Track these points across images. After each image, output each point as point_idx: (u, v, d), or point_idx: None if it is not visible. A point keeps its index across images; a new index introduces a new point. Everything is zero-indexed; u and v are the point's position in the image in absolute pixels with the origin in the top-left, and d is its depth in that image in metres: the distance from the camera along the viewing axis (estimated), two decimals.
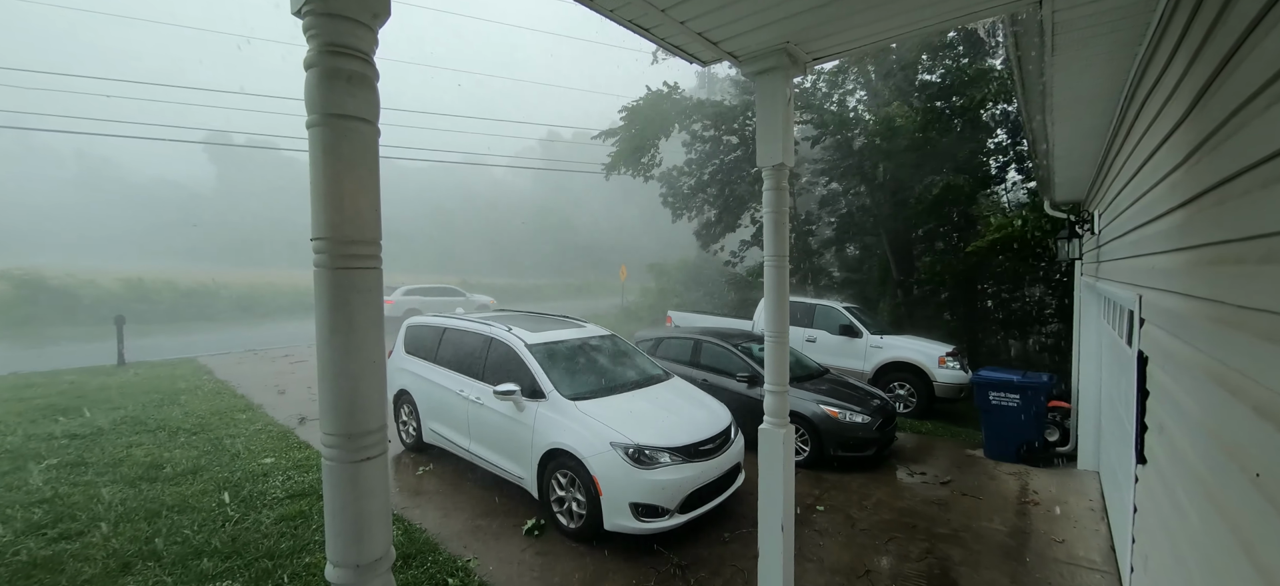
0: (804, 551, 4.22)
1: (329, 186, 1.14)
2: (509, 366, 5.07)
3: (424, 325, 6.40)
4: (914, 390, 8.48)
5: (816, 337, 9.56)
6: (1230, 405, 1.36)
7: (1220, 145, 1.44)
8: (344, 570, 1.16)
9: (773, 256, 2.83)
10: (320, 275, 1.15)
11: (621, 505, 4.06)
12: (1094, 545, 4.36)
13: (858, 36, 2.47)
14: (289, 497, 4.92)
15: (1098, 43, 2.44)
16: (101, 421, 7.13)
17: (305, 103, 1.15)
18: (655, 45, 2.61)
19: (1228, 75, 1.37)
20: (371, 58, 1.20)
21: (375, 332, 1.19)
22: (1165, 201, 2.13)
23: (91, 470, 5.48)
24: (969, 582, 3.87)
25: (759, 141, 2.77)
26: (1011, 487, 5.53)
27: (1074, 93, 3.12)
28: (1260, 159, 1.17)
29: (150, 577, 3.69)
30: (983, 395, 6.32)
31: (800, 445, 6.06)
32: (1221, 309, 1.45)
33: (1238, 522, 1.29)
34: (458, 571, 3.83)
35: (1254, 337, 1.21)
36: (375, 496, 1.19)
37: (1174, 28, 1.90)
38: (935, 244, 13.26)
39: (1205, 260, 1.61)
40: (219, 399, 8.61)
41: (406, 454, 6.21)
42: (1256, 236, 1.21)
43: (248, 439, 6.55)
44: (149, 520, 4.45)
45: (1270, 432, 1.11)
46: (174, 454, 5.98)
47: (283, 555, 3.98)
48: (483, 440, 5.16)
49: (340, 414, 1.15)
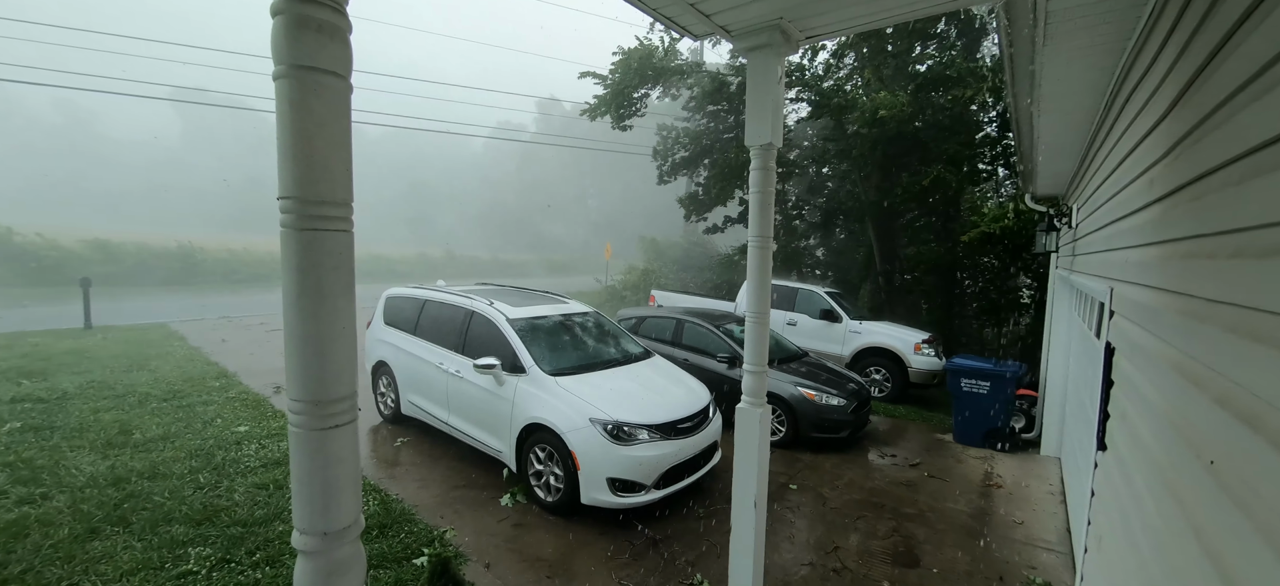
0: (776, 528, 4.32)
1: (297, 142, 1.08)
2: (490, 340, 5.03)
3: (405, 296, 6.30)
4: (889, 375, 8.66)
5: (797, 321, 9.67)
6: (1192, 395, 1.40)
7: (1201, 140, 1.45)
8: (311, 537, 1.14)
9: (757, 237, 2.82)
10: (287, 236, 1.10)
11: (599, 480, 4.09)
12: (1051, 526, 4.54)
13: (852, 16, 2.43)
14: (263, 466, 4.86)
15: (1089, 33, 2.45)
16: (67, 385, 6.93)
17: (272, 52, 1.09)
18: (649, 17, 2.54)
19: (1215, 69, 1.37)
20: (343, 8, 1.14)
21: (345, 298, 1.15)
22: (1143, 196, 2.17)
23: (57, 434, 5.34)
24: (931, 559, 4.01)
25: (748, 120, 2.73)
26: (977, 471, 5.71)
27: (1062, 83, 3.13)
28: (1238, 154, 1.18)
29: (119, 542, 3.63)
30: (955, 381, 6.48)
31: (777, 425, 6.16)
32: (1191, 302, 1.48)
33: (1190, 506, 1.34)
34: (433, 541, 3.84)
35: (1220, 330, 1.24)
36: (344, 464, 1.17)
37: (1165, 20, 1.90)
38: (919, 232, 13.41)
39: (1178, 254, 1.64)
40: (191, 365, 8.42)
41: (384, 425, 6.17)
42: (1229, 231, 1.23)
43: (221, 406, 6.43)
44: (117, 485, 4.36)
45: (1228, 421, 1.14)
46: (144, 420, 5.84)
47: (255, 522, 3.94)
48: (462, 413, 5.14)
49: (308, 381, 1.12)
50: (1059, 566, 3.97)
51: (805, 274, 15.08)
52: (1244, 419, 1.07)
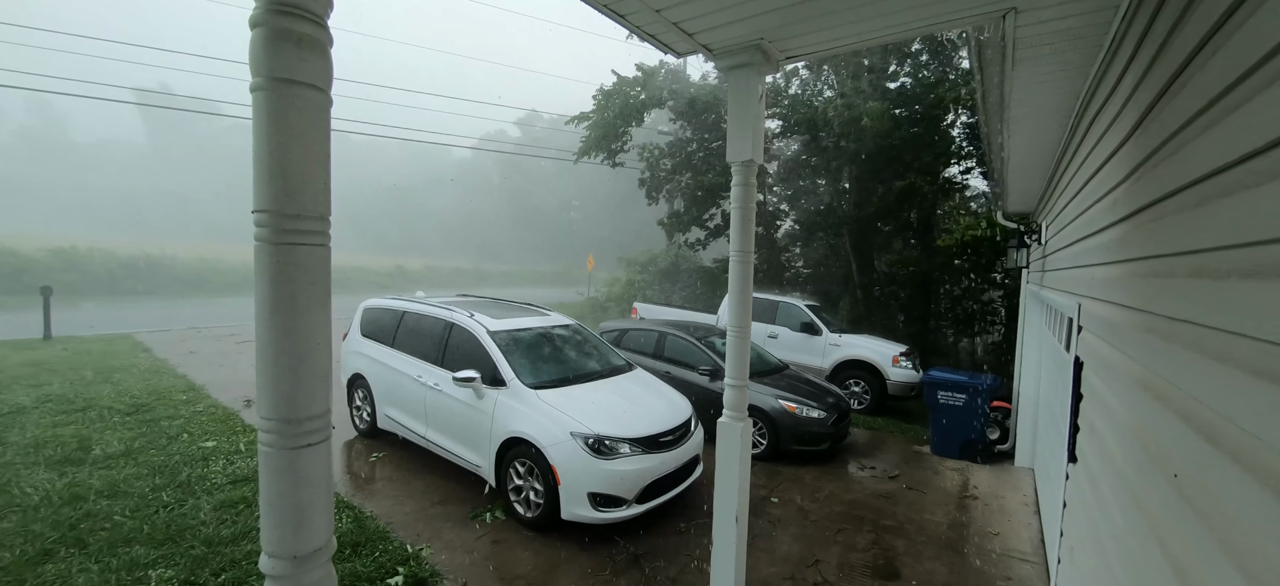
0: (757, 541, 4.32)
1: (273, 156, 1.06)
2: (469, 353, 4.96)
3: (382, 307, 6.19)
4: (868, 387, 8.77)
5: (778, 334, 9.76)
6: (1156, 410, 1.45)
7: (1160, 164, 1.52)
8: (280, 561, 1.11)
9: (738, 251, 2.85)
10: (262, 250, 1.08)
11: (580, 494, 4.05)
12: (1026, 537, 4.62)
13: (830, 38, 2.49)
14: (231, 483, 4.69)
15: (1054, 58, 2.55)
16: (23, 399, 6.62)
17: (249, 64, 1.07)
18: (631, 33, 2.57)
19: (1170, 99, 1.44)
20: (324, 21, 1.13)
21: (320, 313, 1.13)
22: (1107, 215, 2.25)
23: (10, 450, 5.08)
24: (910, 572, 4.05)
25: (730, 136, 2.77)
26: (954, 483, 5.80)
27: (1031, 106, 3.25)
28: (1194, 179, 1.24)
29: (74, 564, 3.45)
30: (932, 394, 6.59)
31: (758, 438, 6.18)
32: (1153, 319, 1.53)
33: (1155, 518, 1.38)
34: (408, 560, 3.74)
35: (1181, 347, 1.29)
36: (315, 485, 1.13)
37: (1124, 51, 1.99)
38: (894, 245, 13.72)
39: (1141, 273, 1.71)
40: (157, 378, 8.12)
41: (360, 440, 6.02)
42: (1188, 252, 1.28)
43: (188, 421, 6.21)
44: (73, 504, 4.16)
45: (1190, 436, 1.18)
46: (105, 435, 5.60)
47: (221, 542, 3.79)
48: (440, 427, 5.05)
49: (279, 398, 1.09)
50: (1034, 577, 4.04)
51: (787, 286, 15.27)
52: (1204, 434, 1.11)
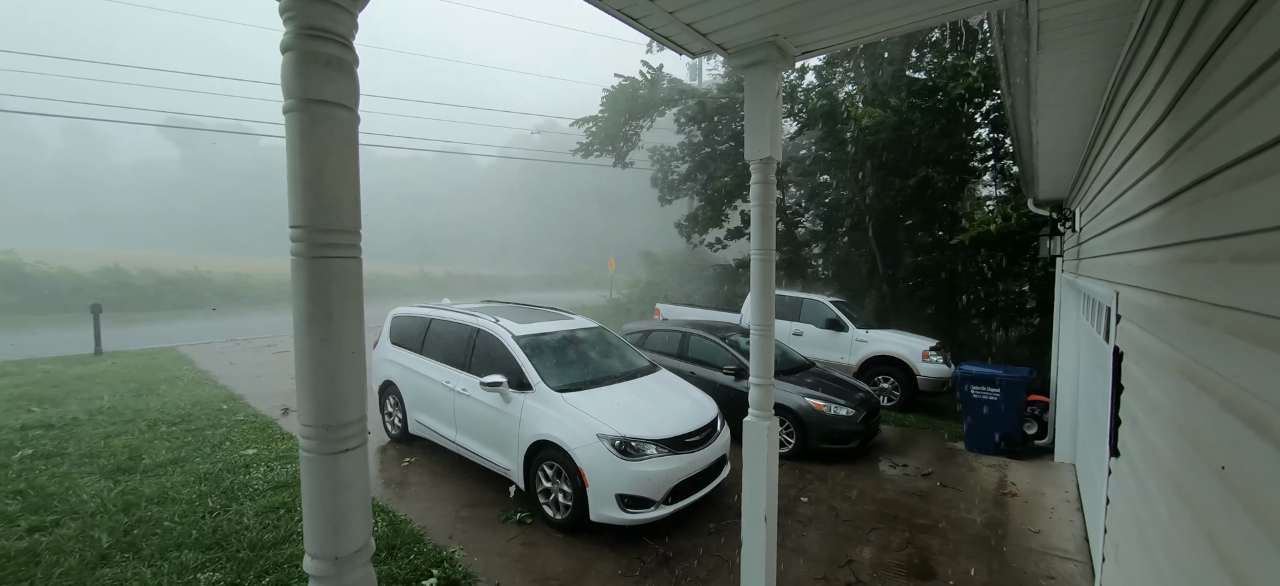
0: (787, 541, 4.27)
1: (306, 173, 1.12)
2: (495, 358, 5.04)
3: (410, 315, 6.34)
4: (898, 383, 8.59)
5: (803, 331, 9.63)
6: (1199, 400, 1.39)
7: (1197, 145, 1.46)
8: (322, 562, 1.15)
9: (759, 249, 2.84)
10: (298, 264, 1.13)
11: (608, 496, 4.07)
12: (1068, 535, 4.47)
13: (847, 30, 2.47)
14: (272, 489, 4.86)
15: (1082, 41, 2.47)
16: (78, 412, 6.99)
17: (282, 87, 1.12)
18: (645, 36, 2.59)
19: (1206, 76, 1.39)
20: (350, 42, 1.17)
21: (354, 323, 1.18)
22: (1143, 200, 2.17)
23: (68, 461, 5.37)
24: (947, 572, 3.95)
25: (747, 135, 2.76)
26: (990, 479, 5.64)
27: (1058, 90, 3.15)
28: (1234, 159, 1.19)
29: (128, 569, 3.63)
30: (964, 389, 6.42)
31: (785, 437, 6.12)
32: (1194, 306, 1.47)
33: (1203, 513, 1.33)
34: (442, 562, 3.83)
35: (1224, 334, 1.24)
36: (354, 488, 1.18)
37: (1156, 28, 1.92)
38: (920, 238, 13.40)
39: (1180, 258, 1.64)
40: (200, 389, 8.47)
41: (392, 445, 6.17)
42: (1228, 236, 1.23)
43: (229, 430, 6.46)
44: (127, 511, 4.38)
45: (1236, 427, 1.14)
46: (153, 445, 5.87)
47: (265, 546, 3.94)
48: (469, 431, 5.14)
49: (318, 405, 1.14)
50: (1078, 576, 3.90)
51: (809, 283, 15.07)
52: (1252, 424, 1.06)
